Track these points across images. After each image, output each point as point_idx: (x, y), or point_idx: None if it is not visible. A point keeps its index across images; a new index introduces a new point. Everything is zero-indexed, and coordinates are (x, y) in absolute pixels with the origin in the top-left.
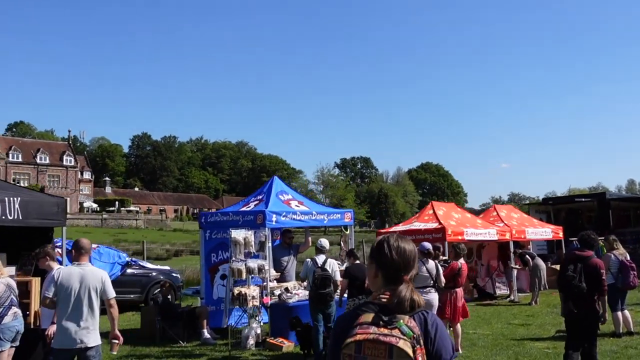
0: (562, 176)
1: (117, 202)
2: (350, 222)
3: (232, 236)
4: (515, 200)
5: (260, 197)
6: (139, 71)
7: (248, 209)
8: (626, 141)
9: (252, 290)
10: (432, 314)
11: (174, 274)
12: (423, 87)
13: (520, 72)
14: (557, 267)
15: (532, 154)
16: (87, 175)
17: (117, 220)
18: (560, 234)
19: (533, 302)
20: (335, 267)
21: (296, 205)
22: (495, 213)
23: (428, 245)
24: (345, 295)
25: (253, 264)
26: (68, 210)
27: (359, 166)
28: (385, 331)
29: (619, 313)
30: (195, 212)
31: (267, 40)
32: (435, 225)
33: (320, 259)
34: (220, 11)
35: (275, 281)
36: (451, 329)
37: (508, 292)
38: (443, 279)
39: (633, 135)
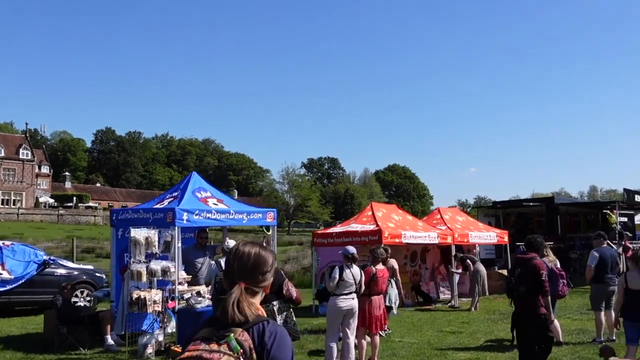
0: (527, 181)
1: (75, 198)
2: (273, 222)
3: (132, 235)
4: (482, 204)
5: (176, 193)
6: (104, 65)
7: (161, 206)
8: (589, 148)
9: (154, 294)
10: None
11: (97, 274)
12: (393, 90)
13: (489, 79)
14: (504, 271)
15: (500, 159)
16: (45, 169)
17: (75, 216)
18: (506, 238)
19: (472, 308)
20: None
21: (214, 204)
22: (439, 216)
23: (352, 249)
24: None
25: (156, 265)
26: (23, 205)
27: (326, 166)
28: (215, 347)
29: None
30: None
31: (236, 38)
32: (372, 227)
33: (225, 261)
34: (187, 5)
35: (186, 284)
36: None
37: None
38: (363, 286)
39: (597, 143)
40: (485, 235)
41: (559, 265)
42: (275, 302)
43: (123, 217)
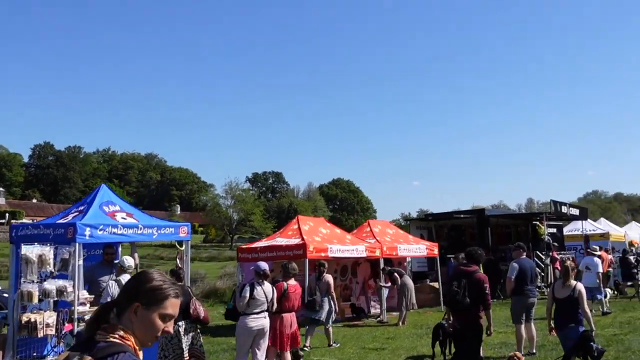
0: (468, 194)
1: (7, 214)
2: (187, 237)
3: (22, 253)
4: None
5: (82, 207)
6: (42, 76)
7: (64, 221)
8: (528, 161)
9: (47, 317)
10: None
11: (5, 294)
12: (338, 104)
13: (430, 93)
14: (436, 284)
15: (442, 173)
16: None
17: (7, 233)
18: (436, 251)
19: (400, 323)
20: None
21: (122, 218)
22: (368, 229)
23: (264, 265)
24: None
25: (50, 285)
26: None
27: (270, 181)
28: None
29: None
30: None
31: (177, 50)
32: (297, 241)
33: (124, 278)
34: (124, 17)
35: (89, 304)
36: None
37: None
38: (275, 303)
39: (534, 155)
40: (415, 248)
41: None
42: (181, 323)
43: (23, 234)
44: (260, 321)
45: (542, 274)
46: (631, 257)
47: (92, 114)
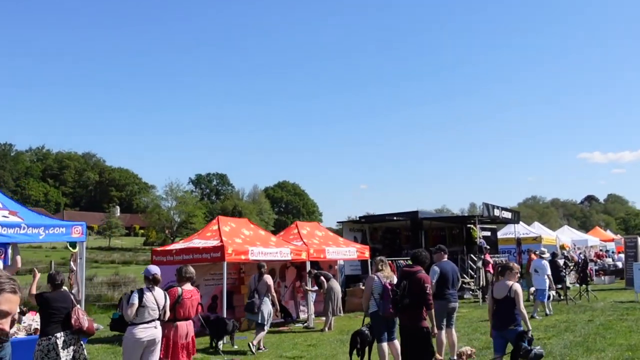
0: (414, 199)
1: None
2: (81, 237)
3: None
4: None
5: None
6: None
7: None
8: (472, 165)
9: None
10: None
11: None
12: (284, 106)
13: (375, 94)
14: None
15: (388, 176)
16: None
17: None
18: (367, 254)
19: (326, 328)
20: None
21: (4, 217)
22: (296, 231)
23: (154, 269)
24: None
25: None
26: None
27: (214, 182)
28: None
29: (384, 344)
30: None
31: (119, 43)
32: (215, 242)
33: None
34: (59, 10)
35: None
36: None
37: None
38: (168, 311)
39: (478, 160)
40: (345, 251)
41: (394, 281)
42: (59, 334)
43: None
44: (151, 331)
45: (474, 276)
46: (560, 261)
47: (25, 111)
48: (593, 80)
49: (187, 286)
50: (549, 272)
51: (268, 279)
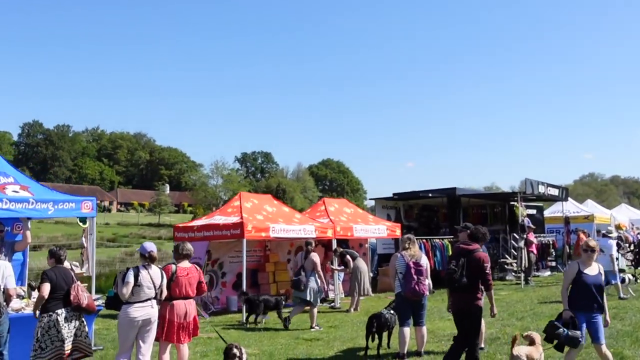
0: (462, 176)
1: None
2: (92, 213)
3: None
4: None
5: None
6: (32, 55)
7: None
8: (524, 143)
9: None
10: None
11: None
12: (329, 84)
13: (425, 70)
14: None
15: (436, 154)
16: None
17: None
18: (398, 232)
19: (352, 309)
20: (7, 272)
21: (14, 191)
22: (323, 207)
23: (150, 246)
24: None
25: None
26: None
27: (259, 161)
28: None
29: (406, 329)
30: None
31: (167, 29)
32: (235, 219)
33: None
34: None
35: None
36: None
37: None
38: (165, 290)
39: (530, 137)
40: (374, 229)
41: (422, 262)
42: (60, 311)
43: None
44: (146, 310)
45: (517, 257)
46: (612, 242)
47: (81, 93)
48: None
49: (184, 263)
50: (613, 252)
51: (315, 256)
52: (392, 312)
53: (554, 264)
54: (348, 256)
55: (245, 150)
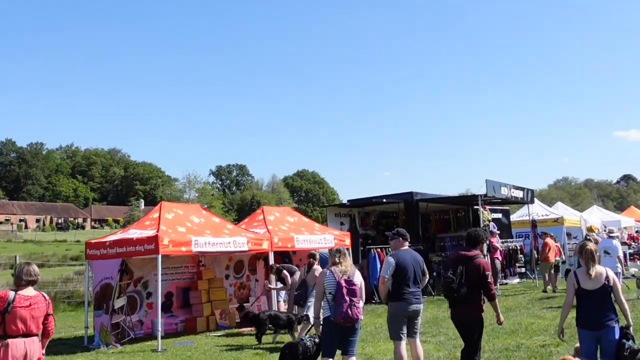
0: (440, 184)
1: None
2: None
3: None
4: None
5: None
6: (3, 74)
7: None
8: (501, 148)
9: None
10: None
11: None
12: (305, 93)
13: (401, 79)
14: None
15: (413, 163)
16: None
17: None
18: (347, 241)
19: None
20: None
21: None
22: (261, 217)
23: None
24: None
25: None
26: None
27: (234, 173)
28: None
29: None
30: (60, 221)
31: (140, 43)
32: (151, 233)
33: None
34: (86, 10)
35: None
36: None
37: None
38: None
39: (507, 142)
40: (319, 239)
41: (355, 279)
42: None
43: None
44: None
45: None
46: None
47: (55, 110)
48: (628, 56)
49: (28, 291)
50: (620, 253)
51: (317, 270)
52: (315, 340)
53: (523, 270)
54: (285, 271)
55: (221, 163)
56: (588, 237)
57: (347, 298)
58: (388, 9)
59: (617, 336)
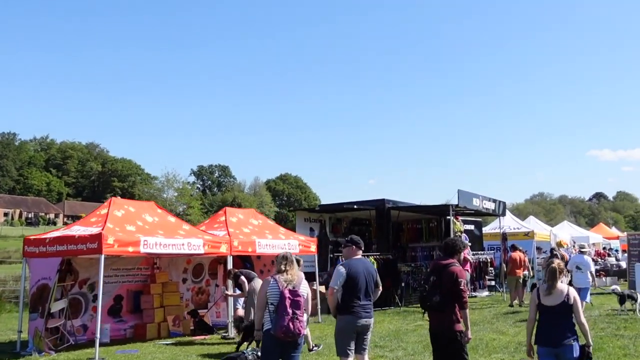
0: (421, 194)
1: None
2: None
3: None
4: None
5: None
6: None
7: None
8: (479, 162)
9: None
10: None
11: None
12: (289, 97)
13: (388, 86)
14: (322, 288)
15: (398, 172)
16: None
17: None
18: (313, 248)
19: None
20: None
21: None
22: (223, 218)
23: None
24: None
25: None
26: None
27: (216, 174)
28: None
29: None
30: (30, 216)
31: (123, 34)
32: (95, 230)
33: None
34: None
35: None
36: None
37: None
38: None
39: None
40: (283, 244)
41: (302, 290)
42: None
43: None
44: None
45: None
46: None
47: (30, 100)
48: (603, 77)
49: None
50: (592, 268)
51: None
52: (258, 353)
53: (492, 283)
54: (243, 277)
55: (203, 163)
56: (554, 252)
57: (289, 310)
58: (379, 9)
59: (575, 354)
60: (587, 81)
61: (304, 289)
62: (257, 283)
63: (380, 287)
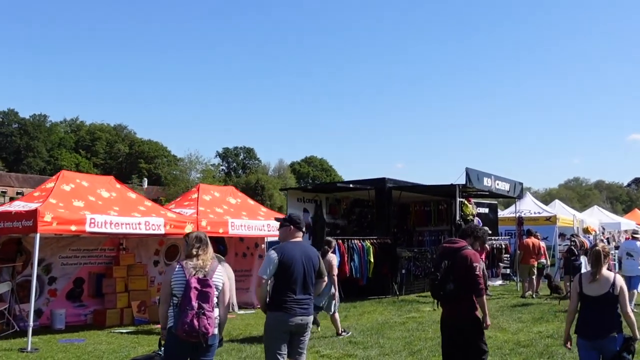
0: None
1: None
2: None
3: None
4: None
5: None
6: (8, 42)
7: None
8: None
9: None
10: None
11: None
12: (317, 80)
13: (413, 68)
14: None
15: (427, 156)
16: None
17: None
18: None
19: None
20: None
21: None
22: (195, 195)
23: None
24: None
25: None
26: None
27: (241, 156)
28: None
29: None
30: None
31: (153, 19)
32: (33, 206)
33: None
34: None
35: None
36: None
37: None
38: None
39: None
40: (261, 225)
41: (215, 279)
42: None
43: None
44: None
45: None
46: (562, 245)
47: (60, 82)
48: None
49: None
50: None
51: (332, 258)
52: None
53: (508, 271)
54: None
55: (229, 145)
56: (573, 239)
57: (194, 304)
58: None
59: (618, 347)
60: (630, 63)
61: (219, 278)
62: (225, 268)
63: (325, 278)
